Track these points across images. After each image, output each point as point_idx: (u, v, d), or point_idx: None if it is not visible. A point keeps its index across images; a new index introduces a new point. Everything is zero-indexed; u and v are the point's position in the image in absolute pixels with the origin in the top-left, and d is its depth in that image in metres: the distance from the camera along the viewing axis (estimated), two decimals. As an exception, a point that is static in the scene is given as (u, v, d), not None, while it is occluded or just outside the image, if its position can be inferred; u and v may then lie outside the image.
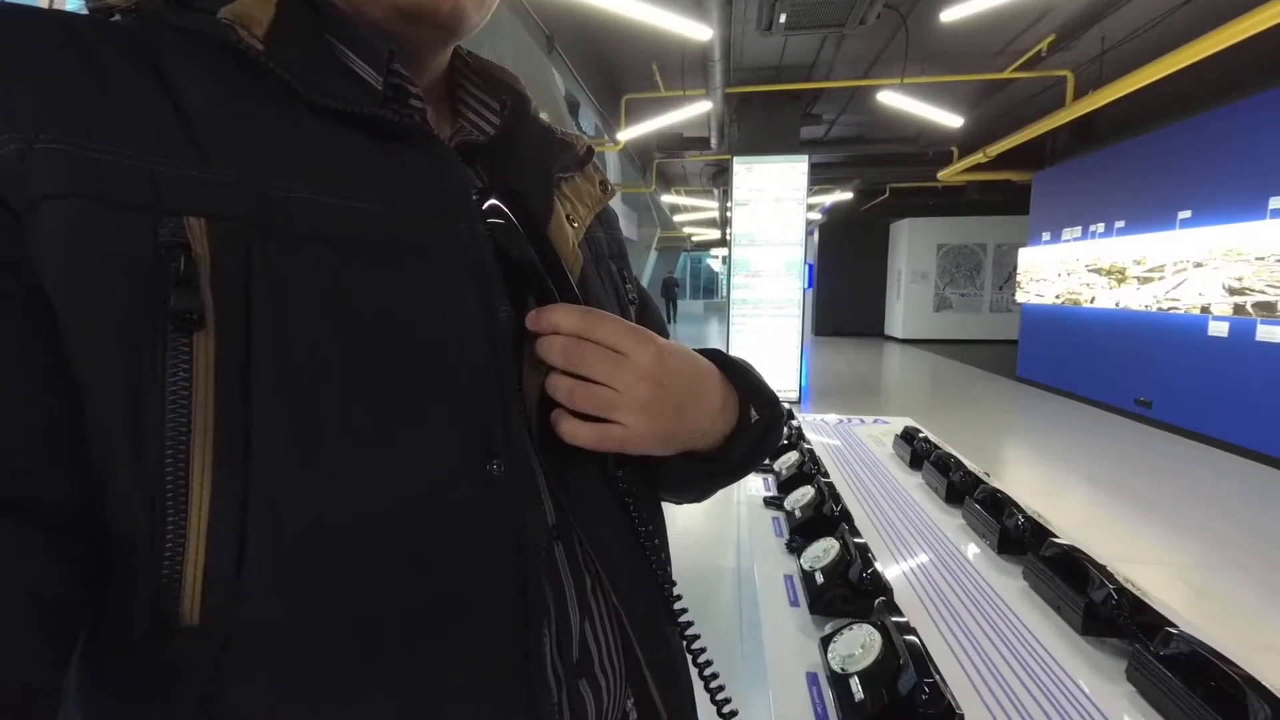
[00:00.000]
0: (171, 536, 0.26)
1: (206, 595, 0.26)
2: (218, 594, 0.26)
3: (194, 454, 0.26)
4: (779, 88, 5.50)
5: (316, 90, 0.31)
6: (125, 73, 0.28)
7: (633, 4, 3.14)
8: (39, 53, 0.27)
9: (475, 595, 0.31)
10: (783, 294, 5.97)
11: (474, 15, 0.37)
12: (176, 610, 0.26)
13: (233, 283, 0.27)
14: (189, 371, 0.26)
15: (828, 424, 2.08)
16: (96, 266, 0.25)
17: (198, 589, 0.26)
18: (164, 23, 0.30)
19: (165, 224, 0.26)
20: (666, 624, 0.41)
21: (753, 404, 0.45)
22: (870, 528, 1.19)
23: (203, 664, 0.26)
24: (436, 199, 0.34)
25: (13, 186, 0.25)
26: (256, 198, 0.28)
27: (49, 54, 0.27)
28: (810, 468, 1.39)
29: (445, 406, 0.32)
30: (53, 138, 0.25)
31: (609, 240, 0.51)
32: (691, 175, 10.55)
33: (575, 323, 0.36)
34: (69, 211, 0.25)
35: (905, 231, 11.56)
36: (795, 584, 0.97)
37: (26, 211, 0.25)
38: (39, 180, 0.25)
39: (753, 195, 5.84)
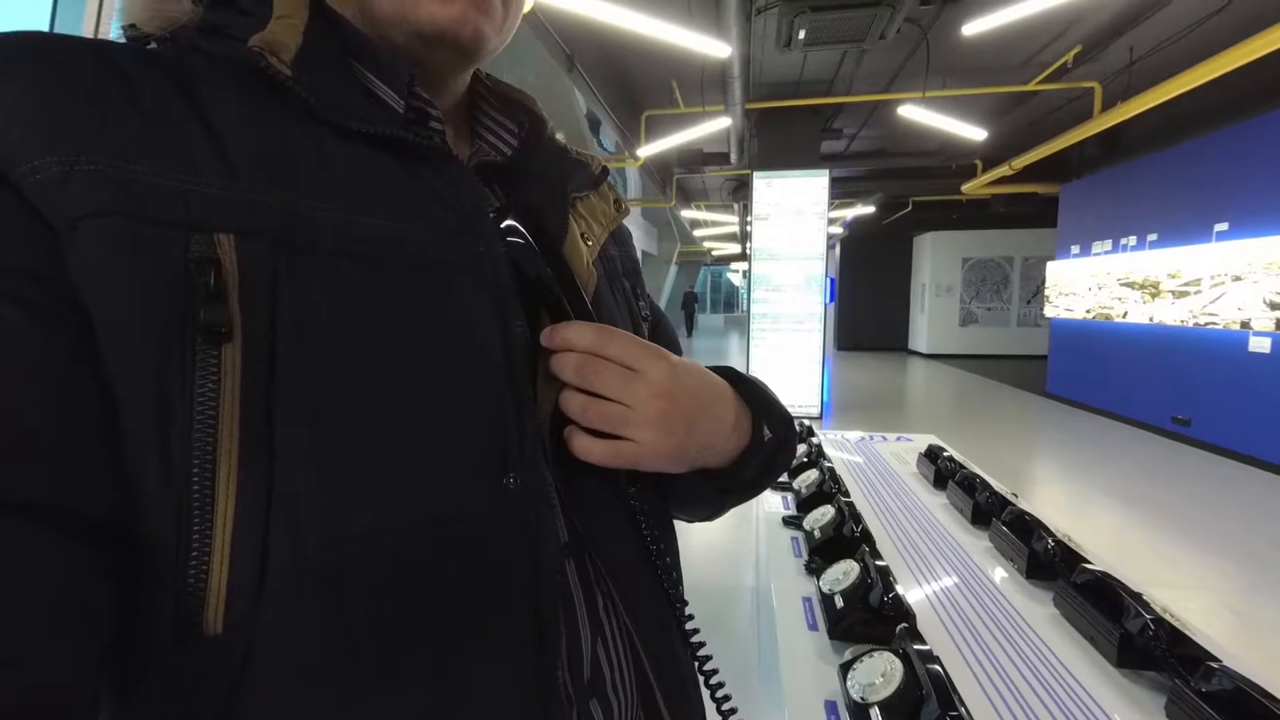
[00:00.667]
0: (197, 545, 0.26)
1: (230, 605, 0.26)
2: (240, 604, 0.26)
3: (220, 464, 0.26)
4: (799, 103, 5.50)
5: (340, 113, 0.33)
6: (160, 97, 0.29)
7: (652, 23, 3.18)
8: (77, 78, 0.28)
9: (490, 610, 0.31)
10: (803, 308, 5.92)
11: (493, 39, 0.38)
12: (200, 619, 0.26)
13: (259, 297, 0.28)
14: (216, 383, 0.26)
15: (849, 441, 2.04)
16: (132, 281, 0.26)
17: (221, 598, 0.26)
18: (197, 50, 0.32)
19: (196, 240, 0.27)
20: (678, 643, 0.41)
21: (765, 421, 0.46)
22: (892, 549, 1.16)
23: (224, 674, 0.26)
24: (455, 217, 0.35)
25: (54, 206, 0.26)
26: (283, 215, 0.29)
27: (87, 79, 0.28)
28: (830, 486, 1.36)
29: (462, 420, 0.32)
30: (92, 159, 0.26)
31: (623, 258, 0.51)
32: (712, 190, 10.58)
33: (589, 339, 0.37)
34: (107, 229, 0.26)
35: (929, 245, 11.42)
36: (814, 607, 0.95)
37: (67, 230, 0.26)
38: (79, 200, 0.26)
39: (773, 210, 5.83)
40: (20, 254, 0.25)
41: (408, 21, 0.36)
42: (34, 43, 0.28)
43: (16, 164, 0.26)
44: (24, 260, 0.25)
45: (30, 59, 0.27)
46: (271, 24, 0.32)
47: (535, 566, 0.33)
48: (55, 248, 0.26)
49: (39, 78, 0.27)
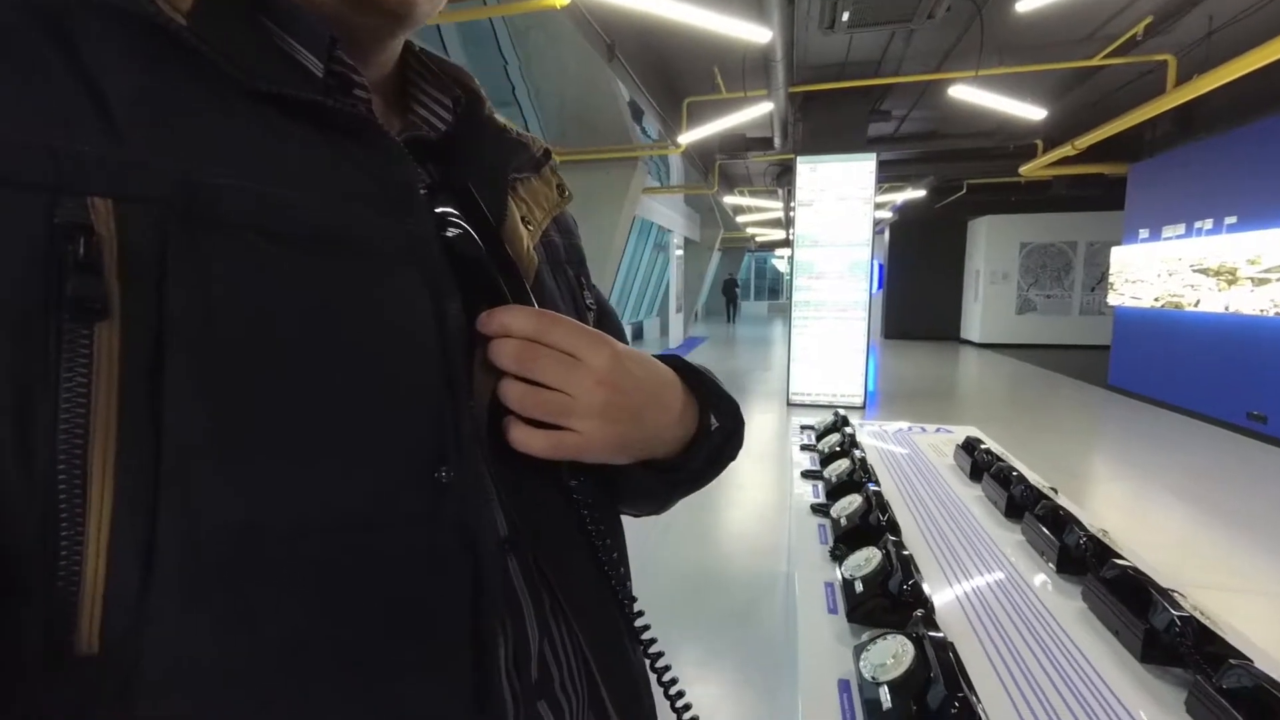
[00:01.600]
0: (65, 553, 0.23)
1: (108, 619, 0.23)
2: (120, 617, 0.23)
3: (93, 459, 0.23)
4: (844, 85, 5.35)
5: (248, 72, 0.29)
6: (28, 46, 0.25)
7: (692, 11, 3.16)
8: None
9: (423, 612, 0.30)
10: (848, 296, 5.81)
11: (424, 4, 0.35)
12: (72, 637, 0.23)
13: (144, 270, 0.24)
14: (88, 366, 0.23)
15: (887, 432, 2.02)
16: None
17: (97, 612, 0.23)
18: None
19: (64, 204, 0.23)
20: (628, 641, 0.40)
21: (713, 411, 0.44)
22: (920, 540, 1.17)
23: (104, 698, 0.24)
24: (382, 194, 0.32)
25: None
26: (178, 182, 0.26)
27: None
28: (860, 476, 1.37)
29: (390, 410, 0.30)
30: None
31: (566, 246, 0.49)
32: (755, 176, 10.42)
33: (528, 325, 0.35)
34: None
35: (984, 229, 10.96)
36: (835, 592, 0.97)
37: None
38: None
39: (817, 195, 5.72)
40: None
41: None
42: None
43: None
44: None
45: None
46: None
47: (473, 565, 0.31)
48: None
49: None
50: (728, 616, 2.34)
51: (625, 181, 6.41)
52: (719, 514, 3.41)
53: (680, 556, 2.82)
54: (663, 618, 2.31)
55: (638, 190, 6.70)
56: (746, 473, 4.07)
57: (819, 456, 1.66)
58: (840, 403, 5.82)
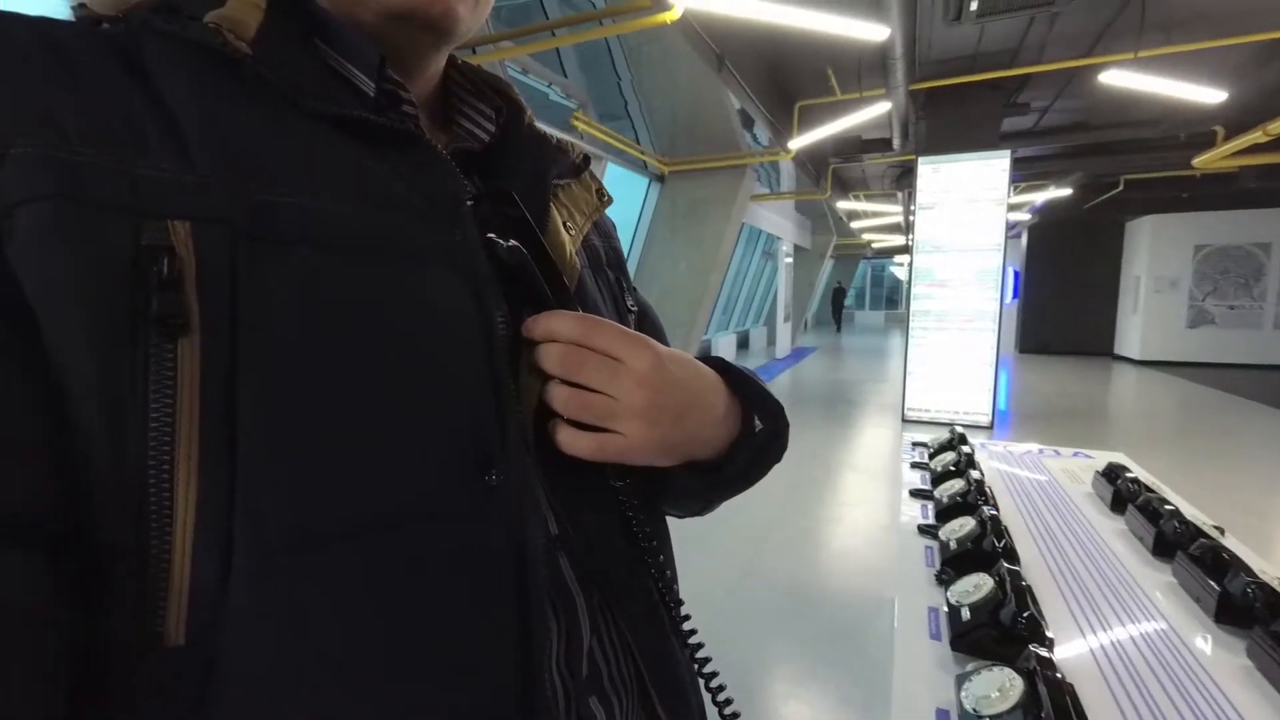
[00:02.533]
0: (156, 549, 0.25)
1: (192, 613, 0.25)
2: (203, 611, 0.25)
3: (179, 462, 0.25)
4: (974, 78, 4.96)
5: (305, 94, 0.31)
6: (108, 78, 0.27)
7: (804, 14, 3.10)
8: (14, 57, 0.26)
9: (472, 611, 0.30)
10: (974, 305, 5.36)
11: (466, 18, 0.37)
12: (161, 630, 0.25)
13: (218, 286, 0.26)
14: (173, 377, 0.25)
15: (1012, 453, 1.85)
16: (74, 270, 0.24)
17: (183, 605, 0.25)
18: (151, 30, 0.30)
19: (148, 227, 0.25)
20: (674, 643, 0.40)
21: (756, 412, 0.44)
22: (1044, 572, 1.06)
23: (187, 687, 0.25)
24: (430, 204, 0.34)
25: None
26: (243, 201, 0.28)
27: (25, 58, 0.26)
28: (975, 498, 1.27)
29: (440, 414, 0.31)
30: (28, 143, 0.25)
31: (607, 249, 0.50)
32: (872, 179, 9.92)
33: (572, 329, 0.36)
34: (45, 214, 0.24)
35: (1147, 231, 9.63)
36: (940, 618, 0.91)
37: (4, 218, 0.24)
38: (15, 186, 0.24)
39: (940, 197, 5.35)
40: None
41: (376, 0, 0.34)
42: None
43: None
44: None
45: None
46: (230, 1, 0.31)
47: (522, 564, 0.32)
48: None
49: None
50: (827, 636, 2.25)
51: (733, 189, 6.38)
52: (822, 529, 3.28)
53: (778, 570, 2.75)
54: (758, 632, 2.27)
55: (746, 198, 6.63)
56: (854, 490, 3.88)
57: (930, 475, 1.56)
58: (964, 421, 5.37)
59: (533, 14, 4.61)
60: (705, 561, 2.79)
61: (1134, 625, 0.90)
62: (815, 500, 3.69)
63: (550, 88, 4.71)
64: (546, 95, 4.75)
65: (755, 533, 3.11)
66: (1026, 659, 0.69)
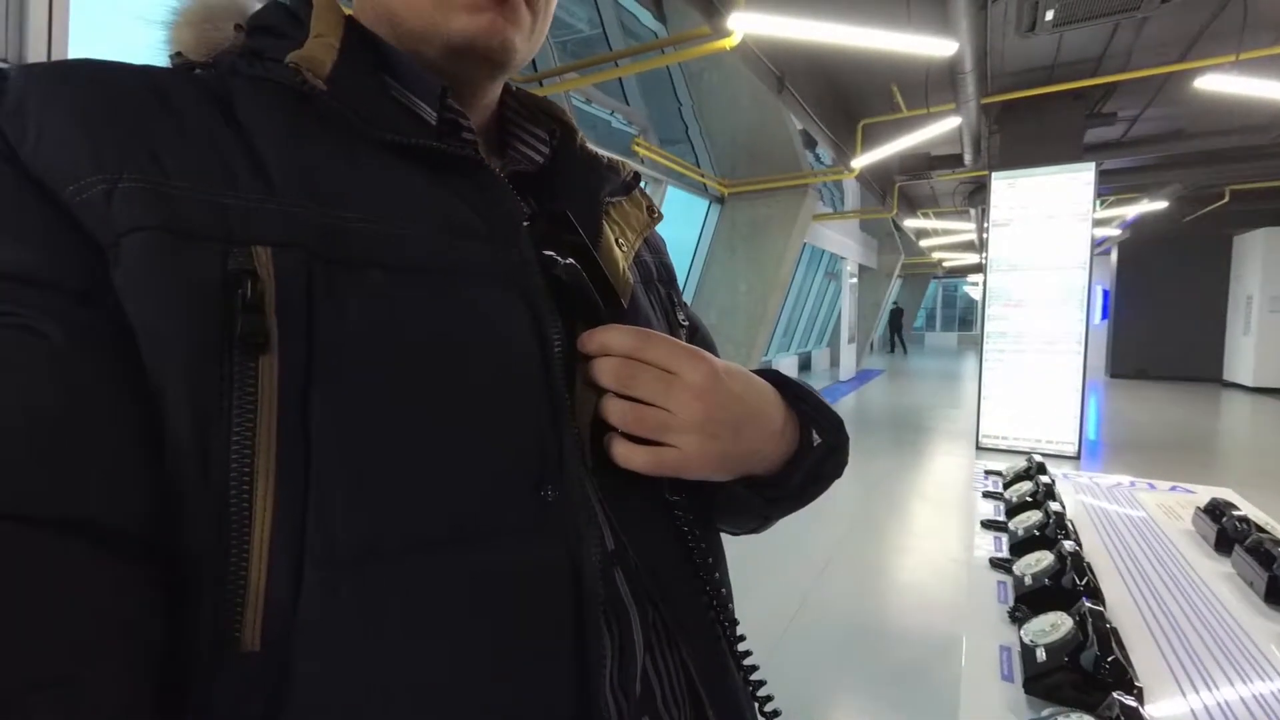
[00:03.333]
0: (235, 557, 0.26)
1: (267, 620, 0.26)
2: (277, 619, 0.26)
3: (258, 474, 0.26)
4: (1053, 89, 4.73)
5: (374, 125, 0.33)
6: (201, 116, 0.30)
7: (867, 33, 3.06)
8: (122, 100, 0.29)
9: (531, 626, 0.31)
10: (1056, 326, 5.03)
11: (521, 49, 0.38)
12: (239, 635, 0.26)
13: (295, 307, 0.28)
14: (254, 393, 0.26)
15: (1099, 485, 1.71)
16: (171, 294, 0.26)
17: (259, 613, 0.26)
18: (238, 73, 0.33)
19: (234, 253, 0.27)
20: (731, 663, 0.39)
21: (814, 426, 0.43)
22: (1134, 615, 0.97)
23: (262, 692, 0.26)
24: (490, 226, 0.35)
25: (99, 224, 0.26)
26: (317, 227, 0.29)
27: (131, 101, 0.29)
28: (1055, 532, 1.18)
29: (499, 430, 0.32)
30: (134, 177, 0.27)
31: (658, 265, 0.51)
32: (942, 196, 9.56)
33: (626, 343, 0.36)
34: (149, 244, 0.26)
35: (1260, 245, 8.77)
36: (1012, 657, 0.85)
37: (110, 247, 0.26)
38: (122, 217, 0.26)
39: (1016, 213, 5.10)
40: (66, 272, 0.26)
41: (439, 34, 0.36)
42: (83, 68, 0.30)
43: (65, 184, 0.27)
44: (69, 278, 0.26)
45: (79, 83, 0.29)
46: (308, 43, 0.34)
47: (577, 581, 0.32)
48: (100, 264, 0.26)
49: (87, 101, 0.28)
50: (891, 674, 2.13)
51: (794, 209, 6.31)
52: (887, 560, 3.13)
53: (839, 601, 2.64)
54: (816, 665, 2.18)
55: (807, 218, 6.54)
56: (922, 520, 3.69)
57: (1004, 506, 1.47)
58: (1047, 450, 5.01)
59: (596, 46, 4.78)
60: (761, 588, 2.71)
61: (1245, 684, 0.81)
62: (879, 530, 3.53)
63: (612, 115, 4.85)
64: (609, 123, 4.89)
65: (814, 561, 2.99)
66: (1110, 707, 0.64)
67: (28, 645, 0.22)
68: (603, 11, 4.71)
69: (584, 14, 4.82)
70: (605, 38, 4.75)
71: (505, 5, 0.36)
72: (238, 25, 0.36)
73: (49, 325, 0.25)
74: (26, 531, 0.22)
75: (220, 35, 0.36)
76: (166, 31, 0.36)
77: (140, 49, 0.36)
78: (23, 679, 0.21)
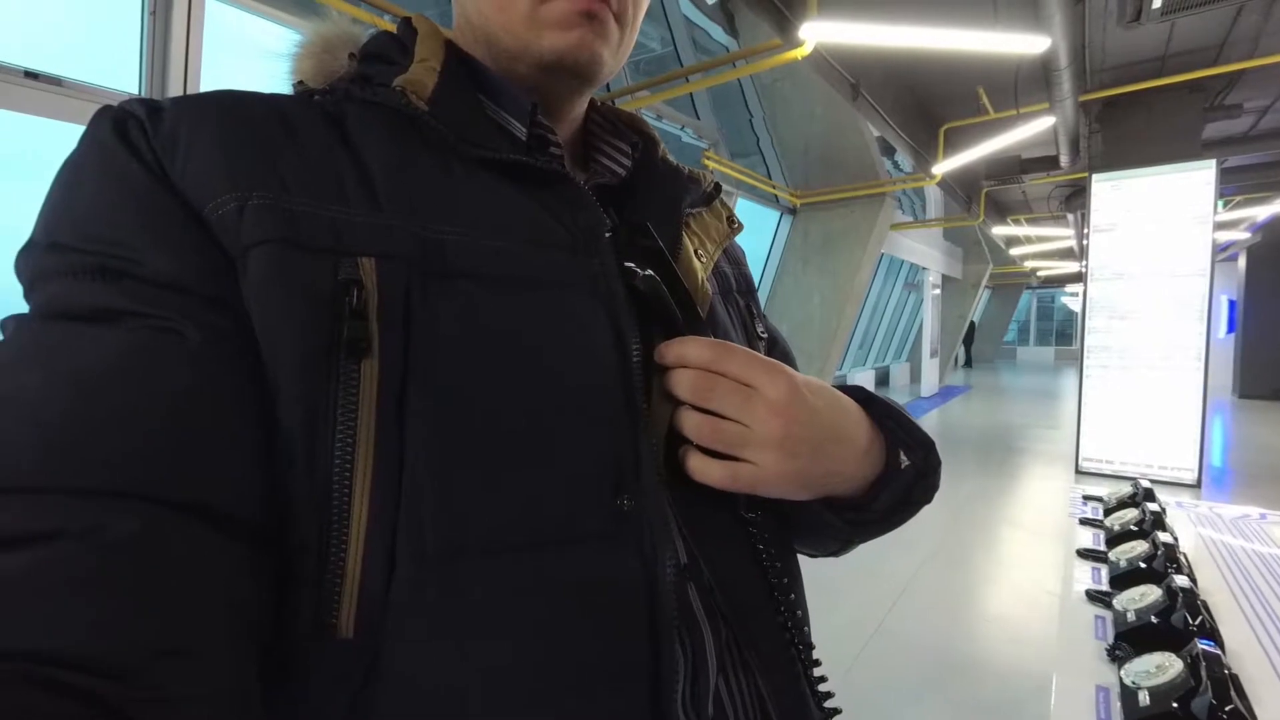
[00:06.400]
0: (335, 548, 0.27)
1: (361, 609, 0.27)
2: (370, 610, 0.27)
3: (357, 471, 0.28)
4: (1165, 81, 4.33)
5: (469, 143, 0.35)
6: (318, 139, 0.33)
7: (950, 35, 2.93)
8: (253, 127, 0.32)
9: (604, 635, 0.31)
10: (1170, 339, 4.55)
11: (609, 62, 0.40)
12: (335, 622, 0.27)
13: (394, 315, 0.30)
14: (355, 396, 0.28)
15: (1221, 517, 1.53)
16: (289, 301, 0.29)
17: (354, 601, 0.27)
18: (351, 98, 0.36)
19: (344, 264, 0.29)
20: (806, 688, 0.38)
21: (902, 448, 0.41)
22: (1261, 662, 0.86)
23: (354, 677, 0.27)
24: (573, 238, 0.36)
25: (231, 238, 0.29)
26: (416, 239, 0.31)
27: (261, 127, 0.32)
28: (1163, 564, 1.07)
29: (580, 438, 0.32)
30: (262, 195, 0.30)
31: (737, 276, 0.51)
32: (1035, 201, 8.95)
33: (704, 355, 0.36)
34: (272, 256, 0.29)
35: None
36: (1110, 699, 0.78)
37: (239, 258, 0.29)
38: (250, 231, 0.29)
39: (1121, 218, 4.68)
40: (202, 280, 0.28)
41: (530, 52, 0.38)
42: (224, 99, 0.33)
43: (206, 202, 0.29)
44: (205, 285, 0.28)
45: (216, 112, 0.32)
46: (413, 67, 0.36)
47: (651, 593, 0.32)
48: (231, 274, 0.29)
49: (226, 128, 0.31)
50: (974, 712, 1.98)
51: (870, 219, 6.10)
52: (972, 589, 2.93)
53: (919, 630, 2.49)
54: (889, 701, 2.06)
55: (884, 227, 6.30)
56: (1012, 548, 3.43)
57: (1105, 535, 1.35)
58: (1160, 476, 4.53)
59: (669, 64, 4.85)
60: (831, 613, 2.60)
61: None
62: (964, 557, 3.31)
63: (683, 130, 4.90)
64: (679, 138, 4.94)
65: (890, 588, 2.84)
66: (1225, 762, 0.57)
67: (158, 616, 0.23)
68: (674, 30, 4.78)
69: (656, 33, 4.91)
70: (677, 55, 4.82)
71: (594, 21, 0.37)
72: (351, 54, 0.39)
73: (188, 328, 0.27)
74: (162, 512, 0.25)
75: (336, 64, 0.39)
76: (290, 62, 0.41)
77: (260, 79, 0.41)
78: (152, 646, 0.23)
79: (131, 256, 0.28)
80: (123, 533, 0.24)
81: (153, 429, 0.25)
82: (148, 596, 0.24)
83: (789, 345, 0.54)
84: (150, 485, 0.25)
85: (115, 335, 0.27)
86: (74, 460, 0.24)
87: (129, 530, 0.24)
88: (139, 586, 0.23)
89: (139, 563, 0.24)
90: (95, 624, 0.22)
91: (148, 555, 0.24)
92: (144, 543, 0.24)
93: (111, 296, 0.27)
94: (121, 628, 0.23)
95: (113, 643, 0.22)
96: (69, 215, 0.29)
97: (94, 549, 0.23)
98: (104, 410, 0.25)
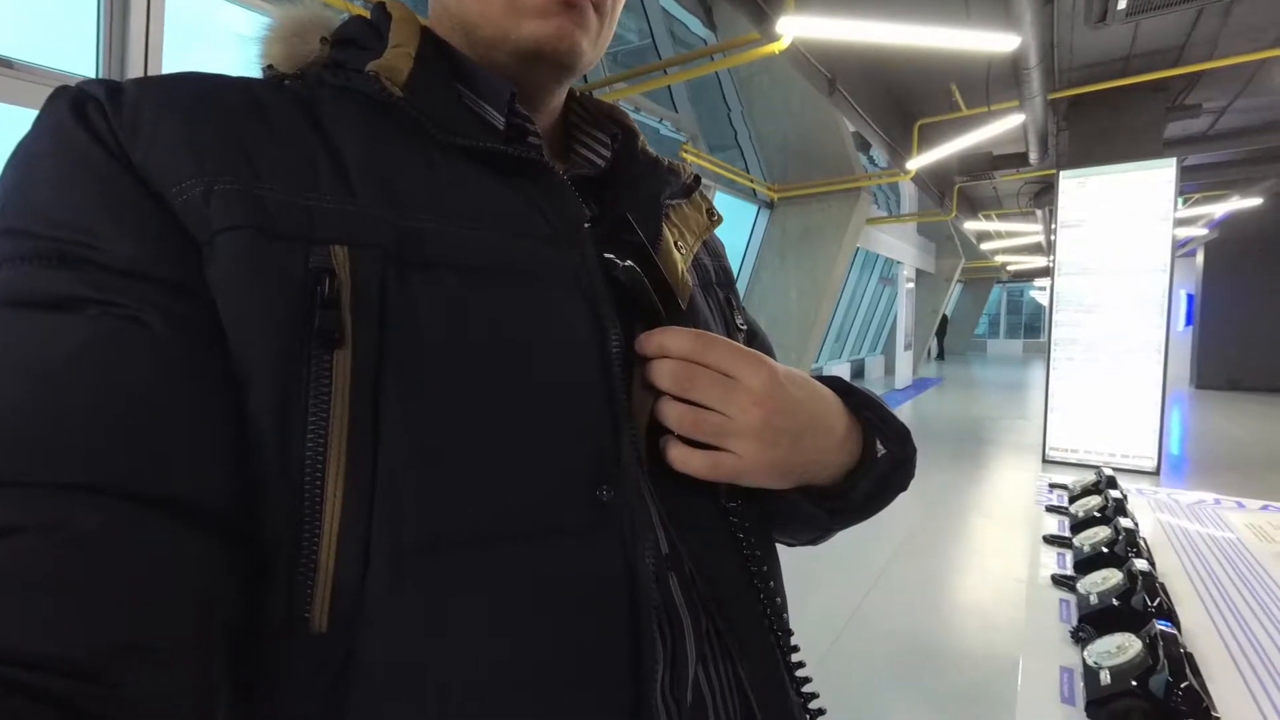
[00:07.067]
0: (307, 540, 0.27)
1: (335, 603, 0.27)
2: (344, 603, 0.27)
3: (330, 463, 0.27)
4: (1130, 81, 4.46)
5: (446, 130, 0.35)
6: (290, 124, 0.32)
7: (923, 32, 2.97)
8: (223, 110, 0.31)
9: (586, 625, 0.31)
10: (1133, 333, 4.71)
11: (588, 52, 0.39)
12: (308, 615, 0.27)
13: (368, 305, 0.29)
14: (328, 385, 0.28)
15: (1179, 503, 1.59)
16: (258, 289, 0.28)
17: (327, 595, 0.27)
18: (323, 84, 0.35)
19: (315, 252, 0.29)
20: (785, 676, 0.38)
21: (879, 436, 0.42)
22: (1215, 642, 0.90)
23: (327, 672, 0.27)
24: (552, 228, 0.36)
25: (196, 223, 0.28)
26: (393, 228, 0.31)
27: (231, 111, 0.31)
28: (1124, 549, 1.11)
29: (558, 428, 0.32)
30: (229, 180, 0.29)
31: (716, 268, 0.51)
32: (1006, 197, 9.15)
33: (685, 345, 0.36)
34: (240, 242, 0.28)
35: (1370, 245, 7.96)
36: (1074, 679, 0.81)
37: (206, 244, 0.28)
38: (217, 216, 0.28)
39: (1087, 214, 4.81)
40: (167, 266, 0.27)
41: (509, 41, 0.37)
42: (189, 80, 0.32)
43: (170, 185, 0.28)
44: (169, 272, 0.27)
45: (185, 94, 0.31)
46: (387, 53, 0.35)
47: (632, 583, 0.32)
48: (196, 260, 0.28)
49: (192, 111, 0.30)
50: (946, 694, 2.04)
51: (846, 214, 6.17)
52: (944, 577, 3.00)
53: (891, 617, 2.55)
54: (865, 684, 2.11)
55: (860, 222, 6.38)
56: (981, 536, 3.53)
57: (1070, 521, 1.39)
58: (1122, 465, 4.70)
59: (646, 56, 4.83)
60: (808, 600, 2.65)
61: (1343, 719, 0.74)
62: (935, 545, 3.39)
63: (661, 123, 4.89)
64: (657, 130, 4.93)
65: (864, 575, 2.90)
66: (1181, 737, 0.60)
67: (120, 613, 0.23)
68: (652, 22, 4.76)
69: (634, 24, 4.88)
70: (655, 47, 4.80)
71: (573, 10, 0.37)
72: (323, 39, 0.38)
73: (152, 315, 0.26)
74: (127, 507, 0.24)
75: (308, 49, 0.38)
76: (260, 46, 0.39)
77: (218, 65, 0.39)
78: (113, 643, 0.22)
79: (92, 242, 0.27)
80: (85, 528, 0.23)
81: (116, 421, 0.25)
82: (110, 593, 0.23)
83: (769, 337, 0.54)
84: (114, 479, 0.24)
85: (76, 324, 0.26)
86: (35, 454, 0.23)
87: (92, 525, 0.23)
88: (101, 582, 0.23)
89: (102, 558, 0.23)
90: (53, 621, 0.22)
91: (111, 550, 0.23)
92: (107, 538, 0.23)
93: (72, 284, 0.26)
94: (81, 625, 0.22)
95: (71, 640, 0.22)
96: (25, 200, 0.28)
97: (55, 545, 0.22)
98: (65, 402, 0.24)
